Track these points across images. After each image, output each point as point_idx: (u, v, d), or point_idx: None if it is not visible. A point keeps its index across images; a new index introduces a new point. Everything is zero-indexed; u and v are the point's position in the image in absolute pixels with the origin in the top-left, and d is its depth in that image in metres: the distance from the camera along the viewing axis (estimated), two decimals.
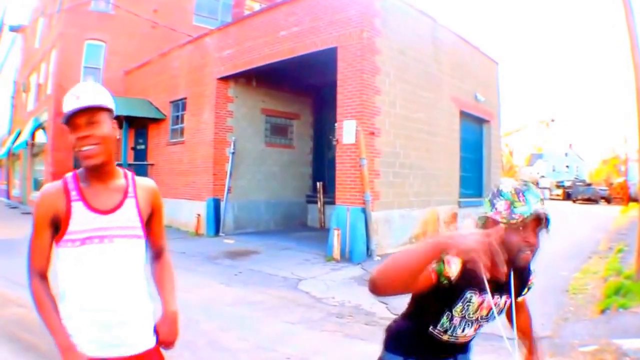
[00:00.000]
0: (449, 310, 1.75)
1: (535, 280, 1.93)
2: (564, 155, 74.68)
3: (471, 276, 1.62)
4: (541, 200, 1.71)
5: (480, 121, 15.23)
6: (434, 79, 11.99)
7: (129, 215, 1.76)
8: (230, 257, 9.65)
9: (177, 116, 15.23)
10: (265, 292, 6.90)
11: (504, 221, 1.65)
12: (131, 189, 1.81)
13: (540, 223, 1.68)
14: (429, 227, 11.47)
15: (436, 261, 1.60)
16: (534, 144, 69.96)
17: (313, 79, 13.56)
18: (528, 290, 1.94)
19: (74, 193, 1.71)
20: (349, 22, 9.82)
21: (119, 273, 1.72)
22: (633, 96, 7.23)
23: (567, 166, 73.52)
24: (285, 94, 14.95)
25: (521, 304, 1.98)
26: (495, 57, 16.32)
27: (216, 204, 12.92)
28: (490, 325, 1.68)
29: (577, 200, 37.59)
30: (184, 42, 15.62)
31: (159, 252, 2.01)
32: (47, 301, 1.70)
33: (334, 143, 10.09)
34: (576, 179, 54.20)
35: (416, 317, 1.84)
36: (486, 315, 1.80)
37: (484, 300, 1.74)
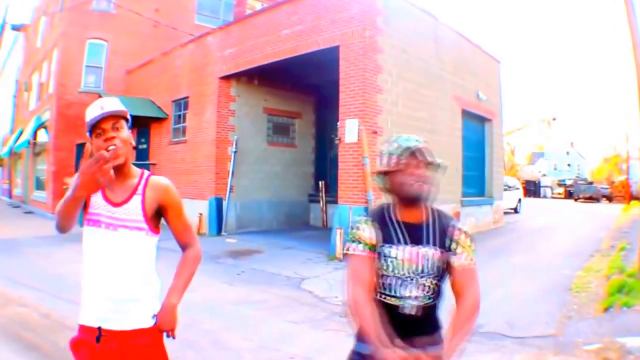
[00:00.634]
0: (381, 272, 1.85)
1: (461, 236, 1.90)
2: (566, 153, 74.59)
3: (384, 231, 1.84)
4: (416, 140, 1.91)
5: (482, 120, 15.24)
6: (436, 77, 11.99)
7: (134, 210, 2.00)
8: (233, 257, 9.66)
9: (179, 115, 15.24)
10: (268, 292, 6.91)
11: (388, 169, 1.85)
12: (141, 187, 2.05)
13: (419, 157, 1.86)
14: None
15: (356, 242, 1.85)
16: (535, 143, 69.91)
17: (315, 78, 13.56)
18: (456, 245, 1.88)
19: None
20: (351, 21, 9.82)
21: (120, 258, 1.95)
22: (635, 95, 7.23)
23: (569, 165, 73.44)
24: (288, 92, 14.96)
25: (460, 274, 1.83)
26: (496, 55, 16.32)
27: (218, 203, 12.93)
28: (492, 324, 1.66)
29: (578, 198, 37.53)
30: (186, 41, 15.63)
31: (184, 247, 2.21)
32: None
33: (337, 142, 10.10)
34: (578, 177, 54.21)
35: (373, 294, 1.90)
36: (417, 269, 1.84)
37: (404, 251, 1.84)
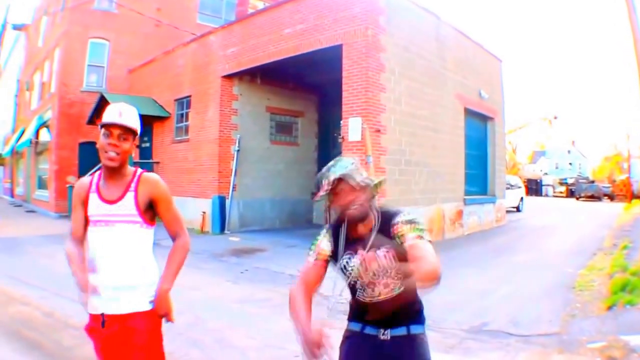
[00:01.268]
0: (349, 280, 2.08)
1: (400, 228, 2.05)
2: (567, 152, 74.54)
3: (338, 245, 2.07)
4: (345, 167, 2.03)
5: (485, 118, 15.24)
6: (438, 76, 11.99)
7: (128, 205, 2.23)
8: (236, 255, 9.67)
9: (182, 114, 15.25)
10: (272, 290, 6.92)
11: (324, 192, 2.01)
12: (133, 184, 2.26)
13: (349, 182, 2.01)
14: (434, 225, 11.48)
15: (313, 252, 2.09)
16: (536, 141, 69.85)
17: (317, 76, 13.56)
18: (400, 238, 2.03)
19: (93, 186, 2.27)
20: (353, 20, 9.83)
21: (118, 250, 2.20)
22: (636, 94, 7.21)
23: (570, 163, 73.38)
24: (290, 91, 14.97)
25: (410, 252, 1.97)
26: (498, 54, 16.31)
27: (221, 201, 12.94)
28: (496, 322, 1.72)
29: (580, 197, 37.52)
30: (188, 40, 15.64)
31: (174, 237, 2.42)
32: (74, 255, 2.22)
33: (340, 141, 10.10)
34: (579, 176, 54.18)
35: (350, 291, 2.16)
36: (377, 273, 2.02)
37: (359, 261, 1.97)
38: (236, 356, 4.40)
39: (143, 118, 11.82)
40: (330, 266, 2.17)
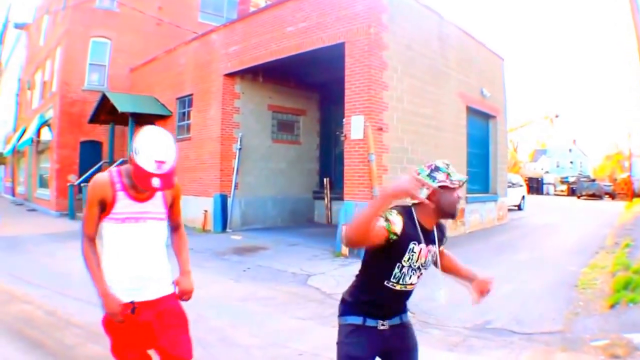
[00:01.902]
0: (399, 262, 2.21)
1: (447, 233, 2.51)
2: (568, 151, 74.57)
3: (411, 230, 2.19)
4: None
5: (487, 117, 15.22)
6: (440, 74, 11.98)
7: (157, 204, 2.46)
8: (238, 253, 9.66)
9: (184, 113, 15.25)
10: (274, 288, 6.91)
11: (449, 185, 2.20)
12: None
13: (461, 186, 2.29)
14: None
15: (385, 222, 2.12)
16: (537, 140, 69.83)
17: (319, 75, 13.55)
18: (445, 240, 2.48)
19: (118, 185, 2.35)
20: (356, 18, 9.81)
21: (147, 243, 2.43)
22: (636, 93, 7.20)
23: (571, 162, 73.42)
24: (292, 90, 14.96)
25: (443, 252, 2.52)
26: (500, 52, 16.29)
27: (223, 200, 12.93)
28: (500, 320, 1.76)
29: (581, 196, 37.50)
30: (190, 38, 15.63)
31: (177, 227, 2.78)
32: (92, 257, 2.36)
33: (342, 139, 10.09)
34: (580, 174, 54.14)
35: (372, 279, 2.29)
36: (424, 262, 2.29)
37: (421, 249, 2.24)
38: (239, 354, 4.40)
39: (144, 117, 11.91)
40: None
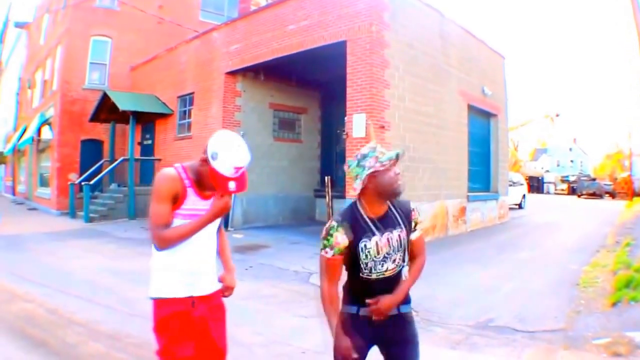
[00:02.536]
0: (361, 263, 2.27)
1: (417, 216, 2.43)
2: (568, 150, 74.60)
3: (358, 230, 2.24)
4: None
5: (488, 115, 15.22)
6: (442, 72, 11.97)
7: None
8: (240, 252, 9.65)
9: (185, 111, 15.26)
10: (277, 286, 6.91)
11: (379, 168, 2.21)
12: None
13: (397, 161, 2.27)
14: (437, 221, 11.48)
15: (331, 250, 2.24)
16: (538, 139, 69.82)
17: (320, 73, 13.55)
18: (416, 225, 2.41)
19: (186, 182, 2.37)
20: (357, 16, 9.81)
21: (205, 240, 2.46)
22: (638, 92, 7.20)
23: (572, 161, 73.45)
24: (293, 88, 14.95)
25: (416, 244, 2.42)
26: (501, 51, 16.28)
27: None
28: (502, 318, 1.75)
29: (582, 194, 37.50)
30: (191, 37, 15.63)
31: (220, 226, 2.73)
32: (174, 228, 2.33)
33: (344, 137, 10.09)
34: (581, 173, 54.18)
35: (350, 272, 2.37)
36: (390, 251, 2.30)
37: (377, 241, 2.27)
38: (243, 353, 4.38)
39: (145, 115, 11.91)
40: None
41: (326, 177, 14.74)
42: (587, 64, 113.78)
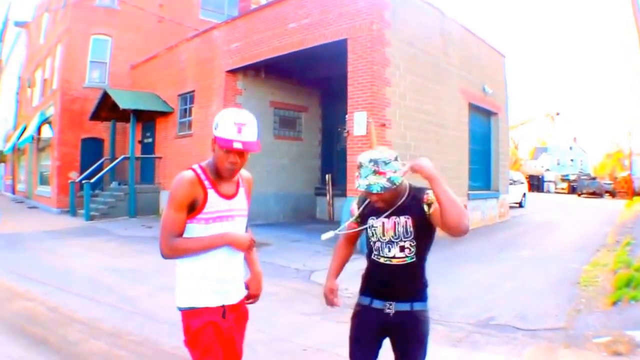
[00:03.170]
0: (370, 242, 2.44)
1: (429, 196, 2.36)
2: (569, 149, 74.56)
3: (368, 207, 2.44)
4: (373, 177, 2.28)
5: (488, 113, 15.23)
6: (442, 71, 11.97)
7: (241, 200, 2.34)
8: None
9: (185, 109, 15.27)
10: (278, 284, 6.90)
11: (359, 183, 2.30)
12: (240, 181, 2.37)
13: (381, 197, 2.32)
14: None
15: (351, 216, 2.49)
16: (538, 138, 69.82)
17: (321, 71, 13.53)
18: (428, 205, 2.36)
19: (206, 183, 2.20)
20: (358, 14, 9.80)
21: None
22: (638, 91, 7.20)
23: (572, 160, 73.41)
24: (294, 86, 14.95)
25: (436, 215, 2.31)
26: (502, 50, 16.28)
27: None
28: (503, 316, 1.74)
29: (582, 193, 37.49)
30: (191, 35, 15.64)
31: (247, 228, 2.58)
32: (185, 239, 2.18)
33: (345, 135, 10.09)
34: (581, 172, 54.15)
35: (366, 255, 2.51)
36: (394, 235, 2.36)
37: (383, 222, 2.38)
38: (245, 350, 4.36)
39: (146, 114, 11.88)
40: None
41: (327, 175, 14.78)
42: (587, 63, 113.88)
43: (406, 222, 2.36)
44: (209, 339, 2.22)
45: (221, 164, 2.17)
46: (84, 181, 15.23)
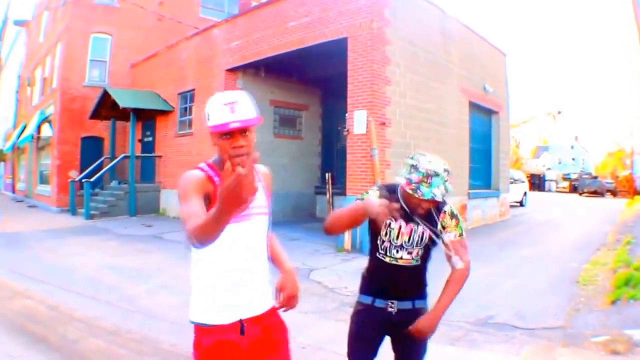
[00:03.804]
0: (379, 236, 2.38)
1: (445, 218, 2.40)
2: (570, 148, 74.47)
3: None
4: (443, 186, 2.23)
5: (489, 112, 15.21)
6: (443, 69, 11.95)
7: (260, 197, 2.00)
8: None
9: (185, 108, 15.26)
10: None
11: (410, 192, 2.22)
12: (258, 176, 2.07)
13: (432, 204, 2.29)
14: None
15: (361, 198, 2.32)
16: (539, 137, 69.76)
17: (321, 70, 13.51)
18: (442, 227, 2.39)
19: (216, 179, 1.92)
20: (358, 13, 9.78)
21: (255, 243, 1.99)
22: (639, 90, 7.20)
23: (573, 159, 73.34)
24: (294, 85, 14.94)
25: (453, 247, 2.42)
26: (502, 48, 16.26)
27: None
28: (502, 315, 1.75)
29: (583, 192, 37.43)
30: (191, 33, 15.62)
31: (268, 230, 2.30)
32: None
33: (345, 133, 10.08)
34: (582, 171, 54.06)
35: (370, 253, 2.48)
36: (408, 241, 2.36)
37: (401, 226, 2.34)
38: None
39: (146, 112, 11.87)
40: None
41: (327, 174, 14.71)
42: (588, 62, 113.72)
43: (423, 232, 2.37)
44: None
45: (226, 154, 1.89)
46: (83, 180, 15.22)
